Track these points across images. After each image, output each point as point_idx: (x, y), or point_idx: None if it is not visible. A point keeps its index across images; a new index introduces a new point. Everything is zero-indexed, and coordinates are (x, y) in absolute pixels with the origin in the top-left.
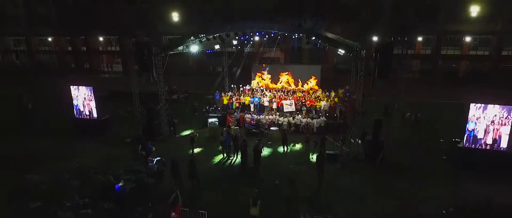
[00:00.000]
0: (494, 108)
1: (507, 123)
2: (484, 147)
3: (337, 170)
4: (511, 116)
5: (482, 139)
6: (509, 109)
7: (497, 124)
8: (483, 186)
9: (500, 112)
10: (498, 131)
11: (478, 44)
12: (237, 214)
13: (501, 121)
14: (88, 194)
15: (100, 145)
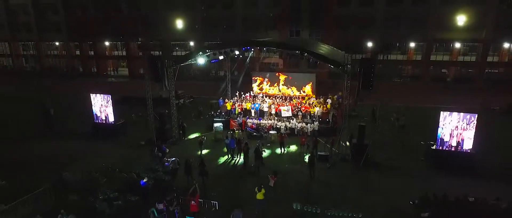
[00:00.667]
0: (458, 115)
1: (468, 128)
2: (450, 149)
3: (327, 169)
4: (471, 123)
5: (448, 142)
6: (470, 116)
7: (460, 129)
8: (447, 182)
9: (463, 119)
10: (461, 135)
11: (468, 50)
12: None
13: (463, 126)
14: (116, 189)
15: (117, 147)
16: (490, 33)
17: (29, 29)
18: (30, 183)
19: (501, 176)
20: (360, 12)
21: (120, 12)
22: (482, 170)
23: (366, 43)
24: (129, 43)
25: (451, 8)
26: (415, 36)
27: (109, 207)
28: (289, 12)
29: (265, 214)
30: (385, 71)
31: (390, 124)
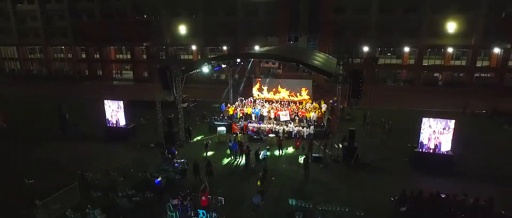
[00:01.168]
0: (435, 121)
1: (444, 132)
2: (429, 151)
3: (320, 169)
4: (448, 127)
5: (426, 144)
6: (447, 121)
7: (437, 133)
8: (427, 181)
9: (440, 124)
10: (438, 139)
11: (460, 54)
12: (244, 198)
13: (440, 131)
14: (132, 187)
15: (129, 149)
16: (479, 40)
17: (37, 34)
18: (55, 182)
19: (476, 176)
20: (355, 19)
21: (125, 18)
22: (460, 171)
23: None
24: (133, 48)
25: (442, 16)
26: (408, 42)
27: (128, 203)
28: (288, 19)
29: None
30: (381, 75)
31: (379, 127)
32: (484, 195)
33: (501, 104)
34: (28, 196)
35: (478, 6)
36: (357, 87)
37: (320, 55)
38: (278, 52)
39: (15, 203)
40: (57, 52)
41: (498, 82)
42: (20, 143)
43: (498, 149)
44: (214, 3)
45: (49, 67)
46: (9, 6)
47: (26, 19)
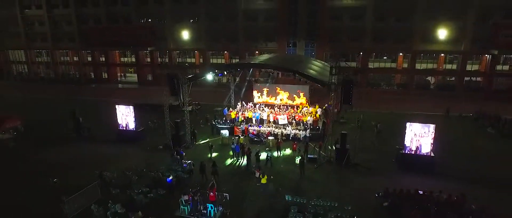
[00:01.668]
0: (416, 125)
1: (425, 135)
2: (411, 152)
3: (314, 169)
4: (428, 131)
5: (409, 146)
6: (427, 126)
7: (418, 136)
8: (410, 179)
9: (421, 128)
10: (419, 141)
11: (453, 59)
12: (246, 194)
13: (421, 134)
14: (146, 185)
15: (139, 151)
16: (468, 46)
17: (44, 38)
18: (75, 181)
19: (455, 175)
20: (351, 25)
21: (130, 23)
22: (440, 171)
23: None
24: (138, 52)
25: (433, 23)
26: (401, 47)
27: (144, 198)
28: (286, 25)
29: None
30: (376, 79)
31: (370, 130)
32: (458, 192)
33: (487, 107)
34: (54, 193)
35: (467, 14)
36: (347, 95)
37: (316, 63)
38: (277, 60)
39: (43, 200)
40: (64, 56)
41: (487, 86)
42: (37, 145)
43: (479, 151)
44: (216, 9)
45: (56, 70)
46: (18, 11)
47: (34, 23)
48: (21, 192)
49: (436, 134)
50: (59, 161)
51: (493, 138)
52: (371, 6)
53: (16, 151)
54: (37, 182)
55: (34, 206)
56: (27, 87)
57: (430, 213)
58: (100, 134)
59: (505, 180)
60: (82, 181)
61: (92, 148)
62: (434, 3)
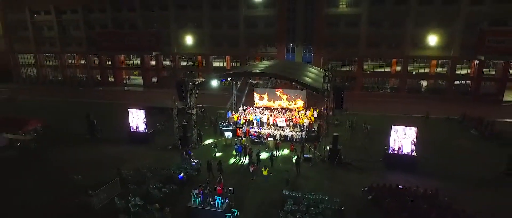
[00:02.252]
0: (400, 127)
1: (406, 137)
2: (393, 152)
3: (309, 167)
4: (408, 133)
5: (392, 147)
6: (408, 128)
7: (400, 138)
8: (393, 176)
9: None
10: (401, 142)
11: (444, 63)
12: (249, 189)
13: (402, 136)
14: (160, 181)
15: (150, 151)
16: (457, 51)
17: (53, 42)
18: (95, 178)
19: (434, 173)
20: (346, 32)
21: (136, 29)
22: (422, 169)
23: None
24: (143, 56)
25: (424, 30)
26: (394, 53)
27: (159, 193)
28: (285, 31)
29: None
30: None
31: (361, 131)
32: (434, 187)
33: (473, 110)
34: (78, 189)
35: (456, 22)
36: (339, 100)
37: (312, 70)
38: (276, 68)
39: (70, 194)
40: (72, 59)
41: (475, 90)
42: (55, 146)
43: (460, 151)
44: (218, 16)
45: (64, 73)
46: (27, 17)
47: (43, 28)
48: (49, 188)
49: (422, 135)
50: (78, 160)
51: (475, 139)
52: (366, 13)
53: (38, 151)
54: (61, 179)
55: (63, 199)
56: (36, 90)
57: (406, 204)
58: (112, 135)
59: (480, 178)
60: (101, 178)
61: (106, 148)
62: (425, 11)
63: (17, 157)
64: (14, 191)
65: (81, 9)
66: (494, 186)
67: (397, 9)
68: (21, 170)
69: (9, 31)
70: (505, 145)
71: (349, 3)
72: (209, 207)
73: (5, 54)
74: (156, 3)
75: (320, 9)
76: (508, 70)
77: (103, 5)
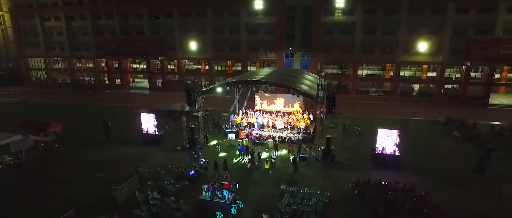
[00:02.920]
0: (384, 130)
1: (388, 138)
2: (378, 152)
3: (305, 165)
4: (391, 135)
5: (377, 147)
6: (391, 131)
7: (384, 139)
8: (379, 174)
9: (386, 133)
10: (384, 143)
11: (436, 67)
12: (251, 184)
13: (385, 138)
14: (173, 177)
15: (161, 151)
16: (445, 57)
17: (62, 47)
18: (115, 175)
19: (416, 170)
20: (342, 38)
21: (142, 34)
22: (405, 167)
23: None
24: (149, 61)
25: (415, 37)
26: (387, 58)
27: (173, 188)
28: (284, 37)
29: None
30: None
31: (353, 133)
32: (412, 182)
33: (458, 113)
34: (101, 185)
35: (444, 29)
36: (331, 106)
37: (308, 77)
38: (275, 75)
39: (95, 189)
40: (80, 63)
41: (462, 93)
42: (75, 147)
43: (442, 151)
44: (221, 23)
45: (73, 77)
46: (38, 23)
47: (53, 34)
48: (76, 184)
49: (409, 137)
50: (97, 160)
51: (457, 140)
52: (360, 22)
53: (59, 151)
54: (86, 176)
55: (91, 193)
56: (47, 93)
57: (387, 197)
58: (124, 136)
59: (452, 175)
60: (120, 175)
61: (121, 149)
62: (415, 20)
63: (43, 157)
64: (48, 185)
65: (89, 16)
66: (463, 182)
67: (389, 18)
68: (49, 168)
69: (21, 37)
70: (481, 145)
71: (344, 12)
72: (217, 199)
73: (17, 58)
74: (162, 11)
75: (317, 17)
76: (493, 75)
77: (111, 12)
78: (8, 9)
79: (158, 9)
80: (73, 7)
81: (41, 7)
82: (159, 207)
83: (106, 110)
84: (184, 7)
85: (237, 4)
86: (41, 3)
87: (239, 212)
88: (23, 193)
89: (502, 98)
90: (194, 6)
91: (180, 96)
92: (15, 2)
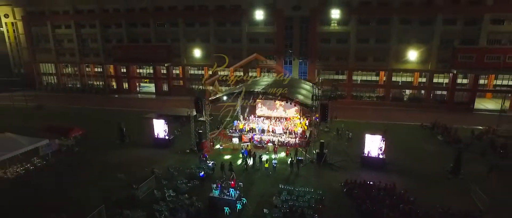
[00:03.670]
0: (370, 135)
1: (372, 143)
2: (367, 155)
3: (301, 167)
4: (376, 140)
5: (366, 150)
6: (376, 136)
7: (370, 143)
8: (366, 174)
9: (372, 138)
10: (371, 147)
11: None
12: (253, 183)
13: (372, 142)
14: (185, 177)
15: (172, 154)
16: (434, 65)
17: (72, 53)
18: (132, 175)
19: (399, 171)
20: (337, 47)
21: (149, 42)
22: (390, 168)
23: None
24: (156, 67)
25: (405, 46)
26: (380, 66)
27: (186, 186)
28: (283, 46)
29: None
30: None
31: (345, 137)
32: (393, 182)
33: (447, 117)
34: (122, 184)
35: (433, 39)
36: (324, 114)
37: (305, 87)
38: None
39: (117, 187)
40: (88, 68)
41: (450, 99)
42: (93, 150)
43: (425, 154)
44: (223, 32)
45: (82, 82)
46: (49, 30)
47: (63, 41)
48: (100, 183)
49: (396, 140)
50: (115, 162)
51: (440, 144)
52: (354, 31)
53: (80, 154)
54: (107, 176)
55: (114, 191)
56: (58, 97)
57: (371, 194)
58: (137, 140)
59: (431, 175)
60: (137, 176)
61: (136, 152)
62: (405, 30)
63: (67, 159)
64: (76, 184)
65: (99, 24)
66: (439, 182)
67: (381, 28)
68: (73, 169)
69: (33, 43)
70: (460, 148)
71: (339, 22)
72: (225, 197)
73: (29, 63)
74: (168, 20)
75: (314, 27)
76: (478, 82)
77: (120, 21)
78: (21, 17)
79: (165, 19)
80: (83, 15)
81: (53, 15)
82: (175, 203)
83: (117, 114)
84: (188, 18)
85: (238, 15)
86: (52, 11)
87: (243, 207)
88: (56, 191)
89: (488, 103)
90: (198, 16)
91: (185, 101)
92: (28, 10)
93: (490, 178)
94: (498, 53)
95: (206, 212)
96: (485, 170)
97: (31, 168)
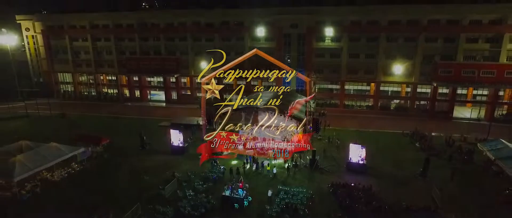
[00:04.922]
0: (354, 145)
1: (355, 151)
2: (349, 161)
3: (296, 171)
4: (358, 149)
5: (350, 157)
6: (358, 145)
7: (354, 151)
8: (351, 177)
9: (355, 147)
10: (353, 155)
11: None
12: (257, 184)
13: (355, 150)
14: (200, 179)
15: (187, 160)
16: (417, 78)
17: (89, 64)
18: (156, 178)
19: (377, 175)
20: (331, 61)
21: (160, 54)
22: (370, 172)
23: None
24: (166, 77)
25: (392, 61)
26: (369, 78)
27: (202, 187)
28: (282, 60)
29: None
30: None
31: (334, 144)
32: (369, 183)
33: (428, 125)
34: (149, 185)
35: (416, 55)
36: (315, 127)
37: (302, 97)
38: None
39: (145, 187)
40: (102, 77)
41: (431, 109)
42: (120, 156)
43: (402, 159)
44: (227, 46)
45: (97, 90)
46: (67, 43)
47: (80, 52)
48: (132, 184)
49: (380, 146)
50: (140, 166)
51: (417, 150)
52: (346, 47)
53: (109, 160)
54: (135, 178)
55: (143, 191)
56: (76, 105)
57: (351, 193)
58: (155, 147)
59: (405, 178)
60: (161, 178)
61: (156, 157)
62: (391, 47)
63: (98, 164)
64: (112, 185)
65: (113, 37)
66: (408, 183)
67: (370, 45)
68: (105, 173)
69: (51, 54)
70: (432, 154)
71: (332, 39)
72: (235, 195)
73: (47, 73)
74: (177, 35)
75: (310, 43)
76: (455, 93)
77: (133, 35)
78: (41, 31)
79: (174, 34)
80: (99, 30)
81: (70, 29)
82: (195, 200)
83: (134, 122)
84: (196, 33)
85: (242, 31)
86: (70, 25)
87: (249, 203)
88: (96, 191)
89: (467, 112)
90: (205, 32)
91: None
92: (47, 25)
93: (453, 180)
94: (473, 68)
95: (220, 208)
96: (449, 174)
97: (72, 172)
